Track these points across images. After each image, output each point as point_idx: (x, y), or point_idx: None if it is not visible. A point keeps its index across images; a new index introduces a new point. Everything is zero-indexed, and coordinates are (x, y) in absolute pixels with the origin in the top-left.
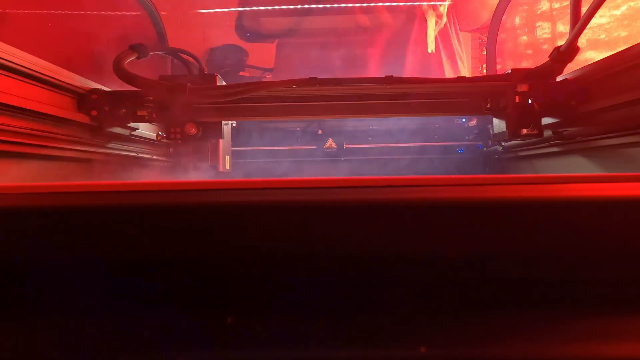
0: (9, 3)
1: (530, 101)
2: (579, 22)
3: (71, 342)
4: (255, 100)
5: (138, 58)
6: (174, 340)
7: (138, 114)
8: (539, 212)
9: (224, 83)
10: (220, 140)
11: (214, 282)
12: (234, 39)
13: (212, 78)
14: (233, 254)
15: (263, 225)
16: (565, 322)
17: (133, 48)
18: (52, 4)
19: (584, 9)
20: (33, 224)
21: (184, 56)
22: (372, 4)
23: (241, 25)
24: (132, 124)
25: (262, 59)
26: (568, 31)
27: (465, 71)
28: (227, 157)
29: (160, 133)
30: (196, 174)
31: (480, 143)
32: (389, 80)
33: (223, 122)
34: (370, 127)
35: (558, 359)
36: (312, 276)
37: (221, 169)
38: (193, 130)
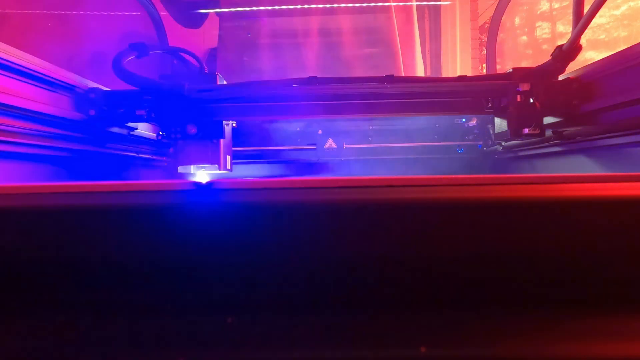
0: None
1: (532, 100)
2: (581, 21)
3: (71, 342)
4: (255, 100)
5: (138, 57)
6: (174, 341)
7: (136, 113)
8: (539, 212)
9: (225, 82)
10: (222, 140)
11: (213, 282)
12: None
13: (213, 77)
14: (233, 254)
15: (263, 226)
16: (566, 322)
17: (133, 47)
18: None
19: (586, 8)
20: (33, 224)
21: (185, 55)
22: (372, 4)
23: None
24: (130, 124)
25: None
26: (567, 31)
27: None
28: (228, 157)
29: (160, 132)
30: (197, 174)
31: (480, 143)
32: (389, 79)
33: (224, 121)
34: (370, 127)
35: (558, 359)
36: (312, 276)
37: (222, 168)
38: (193, 130)
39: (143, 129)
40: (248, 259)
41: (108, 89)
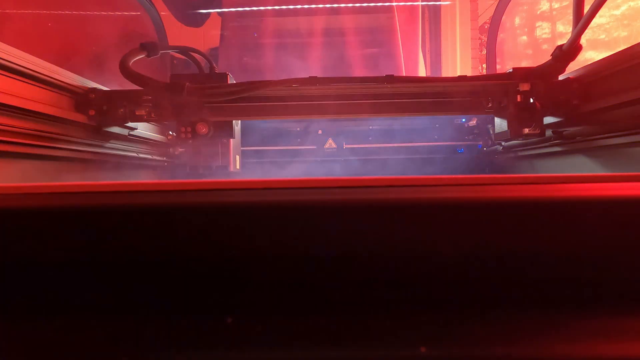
0: None
1: (532, 100)
2: (581, 20)
3: (71, 342)
4: (257, 100)
5: (148, 56)
6: (174, 341)
7: (137, 113)
8: (539, 212)
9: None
10: (231, 139)
11: (214, 282)
12: None
13: (224, 77)
14: (232, 255)
15: (262, 226)
16: (565, 322)
17: (143, 46)
18: None
19: (586, 7)
20: (33, 224)
21: (196, 55)
22: (372, 4)
23: None
24: (130, 124)
25: None
26: (567, 31)
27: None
28: (237, 157)
29: (170, 132)
30: (202, 173)
31: (480, 143)
32: (389, 79)
33: (234, 121)
34: (370, 127)
35: (558, 359)
36: (311, 276)
37: (232, 168)
38: (204, 130)
39: (143, 129)
40: (248, 258)
41: (108, 89)
